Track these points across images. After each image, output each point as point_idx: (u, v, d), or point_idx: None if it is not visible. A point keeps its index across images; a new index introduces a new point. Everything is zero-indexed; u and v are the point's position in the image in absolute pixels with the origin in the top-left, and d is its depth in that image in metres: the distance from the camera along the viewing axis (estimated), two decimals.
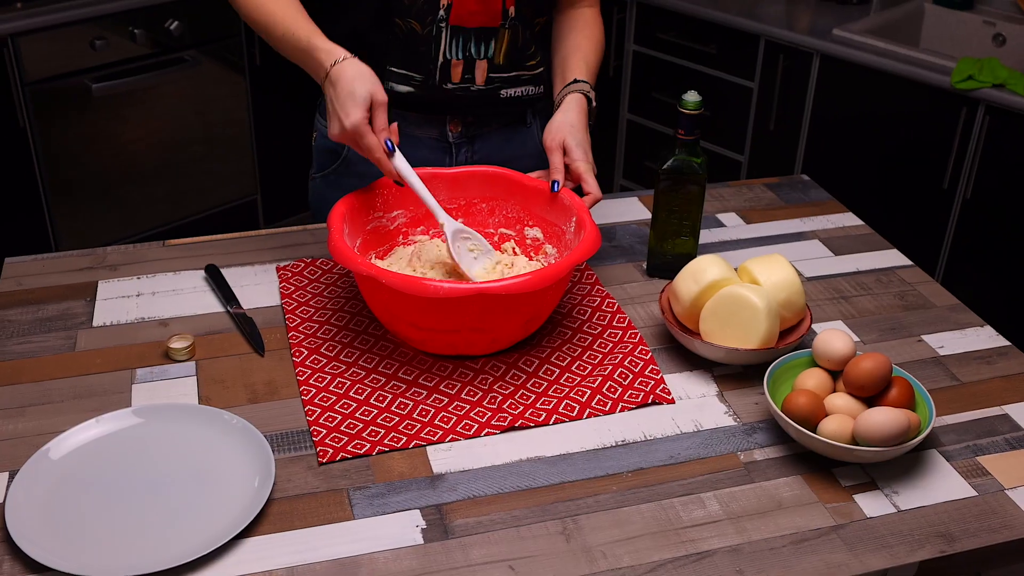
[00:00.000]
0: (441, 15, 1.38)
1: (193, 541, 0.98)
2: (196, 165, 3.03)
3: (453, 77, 1.42)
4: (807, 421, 1.10)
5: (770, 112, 2.70)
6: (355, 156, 1.49)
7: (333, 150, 1.53)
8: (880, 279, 1.46)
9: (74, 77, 2.66)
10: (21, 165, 2.65)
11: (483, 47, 1.42)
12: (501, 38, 1.41)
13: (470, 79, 1.43)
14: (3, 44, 2.50)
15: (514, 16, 1.41)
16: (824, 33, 2.57)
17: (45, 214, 2.75)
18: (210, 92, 2.96)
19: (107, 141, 2.80)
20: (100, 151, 2.80)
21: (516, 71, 1.46)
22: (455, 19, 1.39)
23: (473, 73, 1.43)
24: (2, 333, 1.29)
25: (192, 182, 3.04)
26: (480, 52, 1.42)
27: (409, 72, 1.43)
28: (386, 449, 1.11)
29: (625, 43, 3.01)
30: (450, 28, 1.39)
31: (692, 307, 1.26)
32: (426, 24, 1.38)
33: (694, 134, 1.35)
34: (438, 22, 1.38)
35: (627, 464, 1.11)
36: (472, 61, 1.42)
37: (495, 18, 1.40)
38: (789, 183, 1.73)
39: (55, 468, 1.05)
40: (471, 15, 1.39)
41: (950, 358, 1.30)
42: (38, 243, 2.75)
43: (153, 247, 1.48)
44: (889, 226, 2.55)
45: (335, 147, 1.52)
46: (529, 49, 1.45)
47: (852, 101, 2.54)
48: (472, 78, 1.43)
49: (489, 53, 1.42)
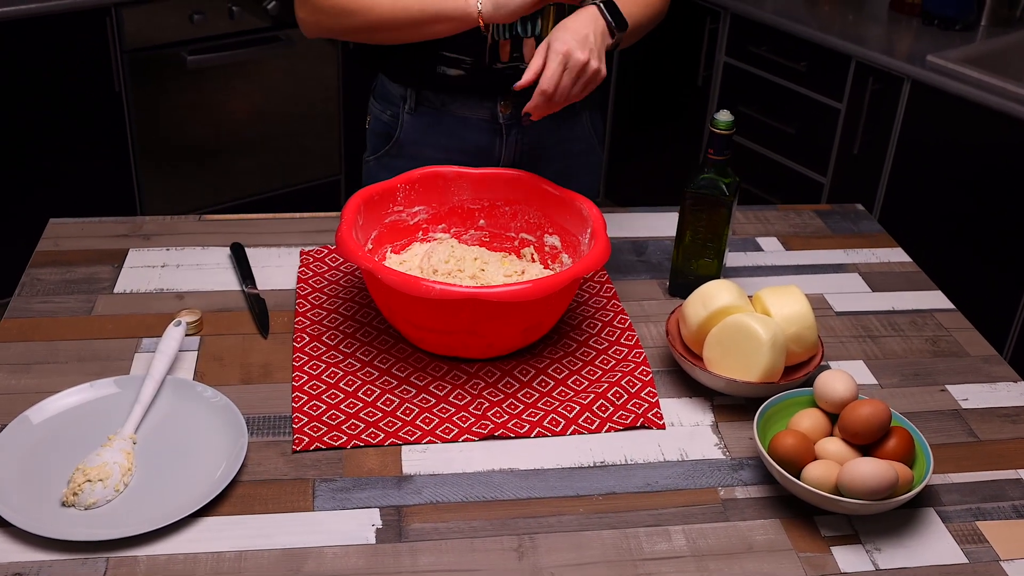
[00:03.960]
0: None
1: (150, 514, 1.00)
2: (283, 142, 3.09)
3: (502, 56, 1.41)
4: (793, 464, 1.05)
5: (855, 135, 2.61)
6: (407, 138, 1.51)
7: (386, 134, 1.55)
8: (915, 321, 1.39)
9: (171, 48, 2.75)
10: (114, 130, 2.75)
11: (529, 25, 1.40)
12: (547, 14, 1.39)
13: (518, 57, 1.42)
14: (106, 12, 2.60)
15: None
16: (918, 58, 2.46)
17: (133, 179, 2.85)
18: (302, 72, 3.01)
19: (198, 112, 2.88)
20: (190, 121, 2.88)
21: None
22: None
23: (521, 51, 1.42)
24: (30, 290, 1.34)
25: (278, 158, 3.11)
26: (527, 30, 1.40)
27: (460, 56, 1.42)
28: (361, 444, 1.11)
29: (716, 53, 2.94)
30: None
31: (699, 332, 1.23)
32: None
33: (724, 154, 1.31)
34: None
35: (600, 487, 1.08)
36: (519, 40, 1.41)
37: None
38: (841, 212, 1.67)
39: (34, 432, 1.09)
40: None
41: (972, 412, 1.23)
42: (125, 206, 2.86)
43: (189, 220, 1.52)
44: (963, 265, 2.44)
45: (387, 130, 1.54)
46: None
47: (942, 132, 2.43)
48: (520, 56, 1.42)
49: (536, 30, 1.40)
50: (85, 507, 1.01)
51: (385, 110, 1.54)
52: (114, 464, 1.04)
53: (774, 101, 2.82)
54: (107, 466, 1.03)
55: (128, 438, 1.08)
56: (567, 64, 1.23)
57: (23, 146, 2.63)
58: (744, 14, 2.82)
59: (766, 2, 2.85)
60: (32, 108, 2.60)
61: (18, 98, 2.57)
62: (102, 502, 1.01)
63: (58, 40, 2.56)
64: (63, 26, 2.55)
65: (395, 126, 1.52)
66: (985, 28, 2.70)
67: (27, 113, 2.60)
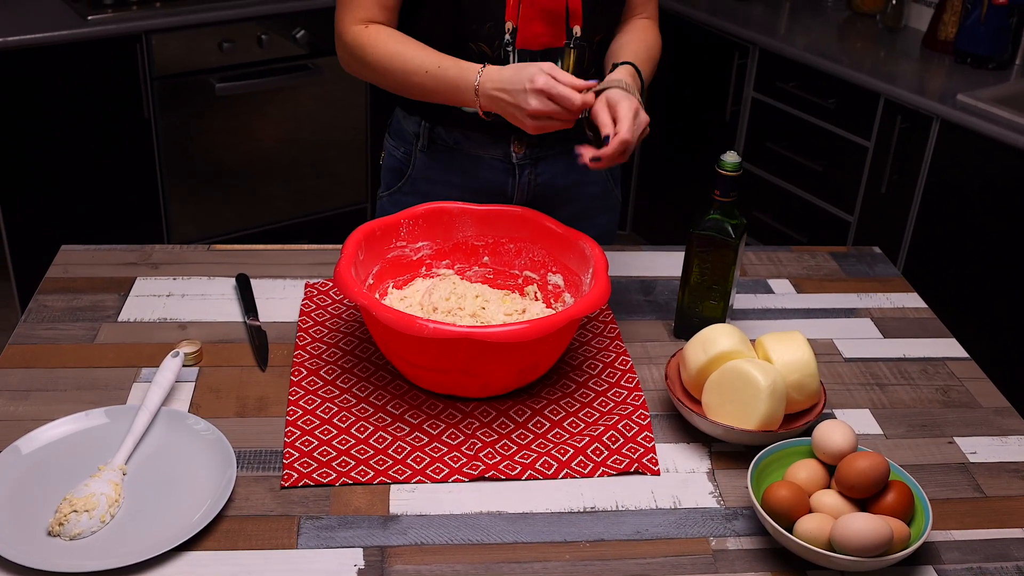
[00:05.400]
0: (507, 39, 1.38)
1: (134, 547, 0.99)
2: (310, 170, 3.12)
3: None
4: (786, 516, 1.03)
5: (883, 174, 2.57)
6: (419, 175, 1.52)
7: (399, 170, 1.55)
8: (926, 369, 1.36)
9: (200, 75, 2.79)
10: (143, 155, 2.79)
11: None
12: (567, 57, 1.39)
13: None
14: (137, 39, 2.64)
15: (580, 36, 1.39)
16: (949, 97, 2.43)
17: (160, 204, 2.89)
18: (330, 101, 3.04)
19: (226, 139, 2.91)
20: (218, 148, 2.92)
21: None
22: (521, 42, 1.39)
23: None
24: (36, 317, 1.35)
25: (305, 186, 3.13)
26: None
27: None
28: (350, 482, 1.10)
29: (744, 88, 2.92)
30: (517, 51, 1.39)
31: (698, 376, 1.21)
32: (495, 48, 1.40)
33: (730, 195, 1.30)
34: (505, 45, 1.39)
35: (588, 533, 1.06)
36: None
37: (560, 38, 1.39)
38: (857, 254, 1.64)
39: (24, 461, 1.09)
40: (536, 37, 1.39)
41: (980, 466, 1.19)
42: (152, 232, 2.89)
43: (198, 250, 1.53)
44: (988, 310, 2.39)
45: (401, 167, 1.54)
46: (591, 70, 1.43)
47: (972, 172, 2.39)
48: None
49: None
50: (70, 537, 1.01)
51: (398, 147, 1.54)
52: (101, 495, 1.04)
53: (802, 138, 2.80)
54: (94, 497, 1.03)
55: (118, 469, 1.08)
56: (638, 117, 1.27)
57: (53, 170, 2.67)
58: (772, 49, 2.80)
59: (796, 38, 2.83)
60: (63, 133, 2.64)
61: (49, 123, 2.62)
62: (87, 533, 1.01)
63: (89, 66, 2.60)
64: (94, 53, 2.59)
65: (408, 163, 1.53)
66: (1020, 67, 2.66)
67: (58, 138, 2.64)
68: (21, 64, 2.51)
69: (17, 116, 2.57)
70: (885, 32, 2.93)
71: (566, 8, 1.38)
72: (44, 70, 2.55)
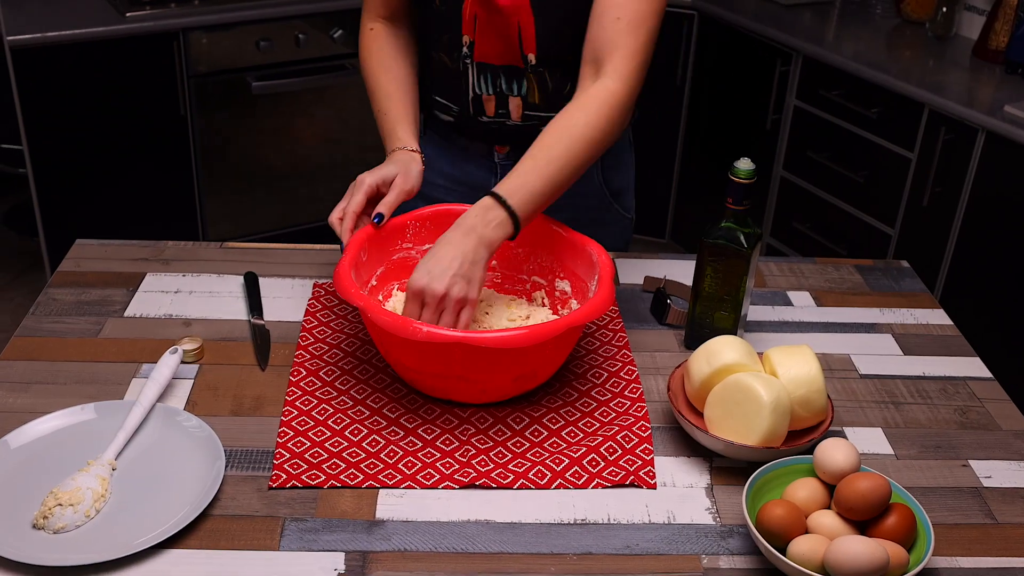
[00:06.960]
0: (465, 52, 1.37)
1: (116, 542, 0.99)
2: (346, 169, 3.11)
3: (487, 111, 1.42)
4: (780, 536, 0.99)
5: (926, 186, 2.50)
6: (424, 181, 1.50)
7: None
8: (946, 388, 1.31)
9: (236, 74, 2.81)
10: (179, 153, 2.82)
11: (515, 85, 1.39)
12: (531, 81, 1.37)
13: (504, 114, 1.41)
14: (174, 37, 2.67)
15: (535, 63, 1.36)
16: (997, 108, 2.35)
17: (196, 202, 2.91)
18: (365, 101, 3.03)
19: (262, 137, 2.93)
20: (254, 146, 2.93)
21: (555, 112, 1.37)
22: (479, 56, 1.38)
23: (507, 108, 1.41)
24: (44, 310, 1.36)
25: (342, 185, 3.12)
26: (512, 89, 1.39)
27: (447, 103, 1.45)
28: (338, 485, 1.09)
29: (787, 96, 2.87)
30: (476, 64, 1.38)
31: (702, 389, 1.17)
32: (454, 59, 1.39)
33: (743, 204, 1.26)
34: (463, 58, 1.38)
35: (577, 546, 1.03)
36: (505, 97, 1.40)
37: (518, 61, 1.37)
38: (883, 268, 1.59)
39: (12, 456, 1.09)
40: (494, 54, 1.37)
41: (993, 491, 1.14)
42: (188, 229, 2.92)
43: (210, 247, 1.53)
44: None
45: None
46: (564, 88, 1.38)
47: (1017, 186, 2.31)
48: (507, 113, 1.41)
49: (522, 92, 1.39)
50: (54, 531, 1.01)
51: None
52: (87, 490, 1.03)
53: (843, 148, 2.73)
54: (80, 491, 1.03)
55: (108, 464, 1.08)
56: (424, 301, 1.16)
57: (89, 166, 2.71)
58: (817, 57, 2.75)
59: (843, 45, 2.77)
60: (99, 129, 2.68)
61: (86, 119, 2.65)
62: (71, 527, 1.01)
63: (126, 63, 2.63)
64: (131, 50, 2.63)
65: None
66: None
67: (94, 133, 2.68)
68: (59, 60, 2.55)
69: (54, 111, 2.61)
70: (934, 41, 2.86)
71: (518, 33, 1.34)
72: (82, 66, 2.59)
